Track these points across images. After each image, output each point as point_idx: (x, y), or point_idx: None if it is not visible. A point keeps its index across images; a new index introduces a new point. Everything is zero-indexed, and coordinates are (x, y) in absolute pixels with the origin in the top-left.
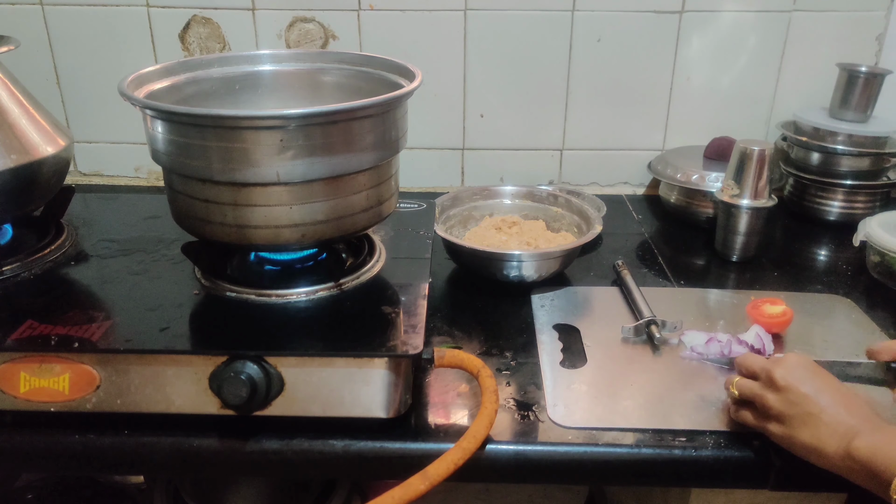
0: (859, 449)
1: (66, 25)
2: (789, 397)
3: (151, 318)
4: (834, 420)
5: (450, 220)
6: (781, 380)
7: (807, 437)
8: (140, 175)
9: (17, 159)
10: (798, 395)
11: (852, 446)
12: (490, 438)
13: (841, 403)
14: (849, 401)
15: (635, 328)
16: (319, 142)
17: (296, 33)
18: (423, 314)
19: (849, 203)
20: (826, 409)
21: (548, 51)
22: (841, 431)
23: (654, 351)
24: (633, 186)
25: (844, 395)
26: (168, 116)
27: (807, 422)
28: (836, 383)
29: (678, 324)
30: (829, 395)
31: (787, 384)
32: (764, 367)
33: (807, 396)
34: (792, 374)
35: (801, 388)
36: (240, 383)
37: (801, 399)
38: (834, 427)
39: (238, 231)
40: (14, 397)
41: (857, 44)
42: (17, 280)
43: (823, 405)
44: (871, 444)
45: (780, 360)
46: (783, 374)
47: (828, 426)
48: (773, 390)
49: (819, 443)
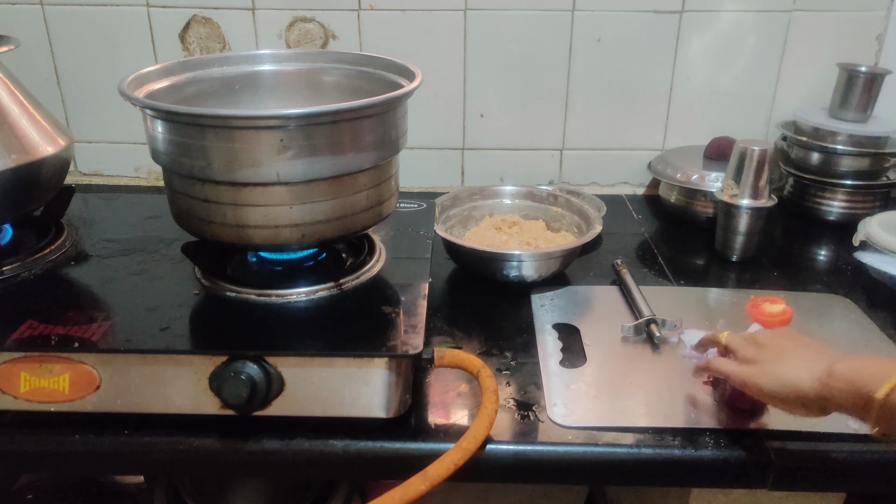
0: (841, 369)
1: (66, 25)
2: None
3: (151, 318)
4: (812, 355)
5: (450, 219)
6: (760, 334)
7: (783, 370)
8: (140, 175)
9: (18, 159)
10: (777, 341)
11: (834, 368)
12: (490, 438)
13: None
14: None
15: (635, 327)
16: (319, 142)
17: (296, 33)
18: (423, 314)
19: (849, 203)
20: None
21: (548, 51)
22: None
23: (653, 350)
24: (633, 186)
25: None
26: (168, 116)
27: (784, 356)
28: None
29: (678, 322)
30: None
31: (766, 333)
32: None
33: (784, 342)
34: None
35: (780, 339)
36: (240, 383)
37: (777, 344)
38: (811, 361)
39: (238, 231)
40: (14, 397)
41: (857, 44)
42: (17, 280)
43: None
44: (853, 365)
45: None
46: (767, 333)
47: (803, 360)
48: (754, 343)
49: (795, 372)
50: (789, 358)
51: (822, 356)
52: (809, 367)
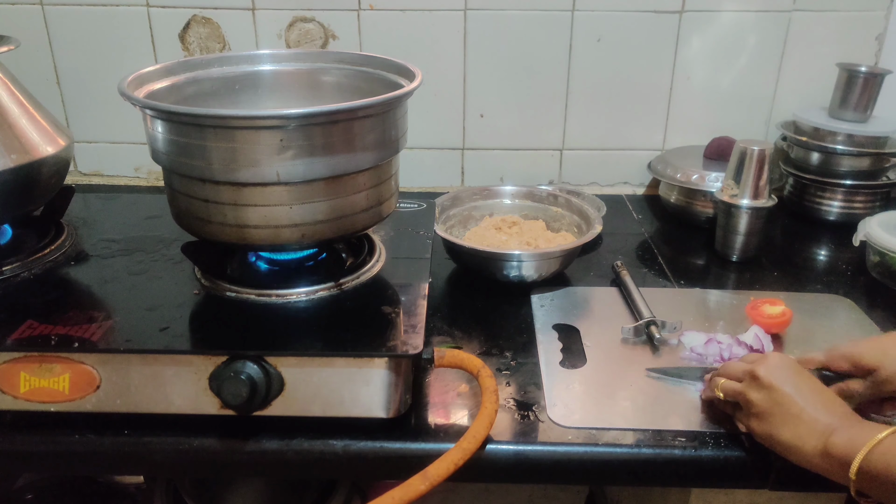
0: (836, 445)
1: (67, 25)
2: (772, 395)
3: (151, 318)
4: (813, 419)
5: (450, 219)
6: (765, 378)
7: (787, 436)
8: (140, 175)
9: (17, 159)
10: (780, 393)
11: (829, 442)
12: (490, 438)
13: (819, 402)
14: (827, 400)
15: (635, 328)
16: (319, 142)
17: (296, 33)
18: (423, 314)
19: (849, 203)
20: (806, 409)
21: (548, 51)
22: (819, 429)
23: (653, 352)
24: (633, 186)
25: (823, 395)
26: (168, 116)
27: (787, 421)
28: (815, 383)
29: (678, 324)
30: (808, 394)
31: (770, 382)
32: (746, 369)
33: (788, 395)
34: (774, 373)
35: (783, 387)
36: (240, 383)
37: (782, 398)
38: (812, 425)
39: (238, 231)
40: (14, 397)
41: (857, 44)
42: (17, 280)
43: (803, 404)
44: (847, 440)
45: (763, 359)
46: (766, 372)
47: (807, 424)
48: (757, 388)
49: (799, 441)
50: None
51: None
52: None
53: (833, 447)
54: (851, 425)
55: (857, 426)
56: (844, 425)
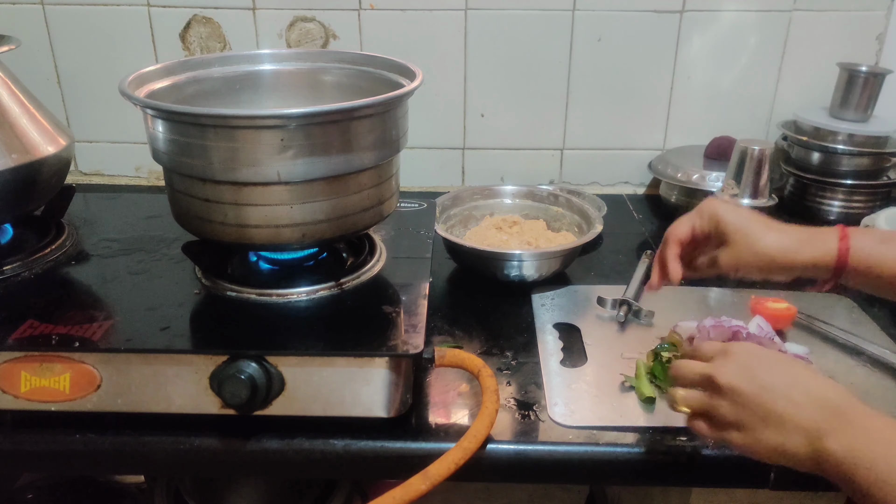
0: (834, 452)
1: (67, 25)
2: (739, 400)
3: (152, 318)
4: (795, 414)
5: (450, 219)
6: (725, 384)
7: (771, 440)
8: (140, 174)
9: (18, 159)
10: (747, 396)
11: (824, 447)
12: (491, 438)
13: (797, 390)
14: (809, 387)
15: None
16: (320, 141)
17: (296, 33)
18: (423, 314)
19: (849, 202)
20: (785, 408)
21: (548, 50)
22: (806, 426)
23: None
24: (634, 186)
25: (801, 383)
26: (169, 116)
27: (767, 422)
28: (785, 368)
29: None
30: (783, 388)
31: (732, 386)
32: (702, 372)
33: (757, 395)
34: (734, 375)
35: (747, 388)
36: (240, 383)
37: (751, 399)
38: (797, 422)
39: (238, 230)
40: (14, 397)
41: (858, 43)
42: (18, 279)
43: (778, 399)
44: (847, 448)
45: (719, 361)
46: (726, 377)
47: (790, 421)
48: (720, 397)
49: (786, 442)
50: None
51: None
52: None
53: (830, 454)
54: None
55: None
56: (837, 424)
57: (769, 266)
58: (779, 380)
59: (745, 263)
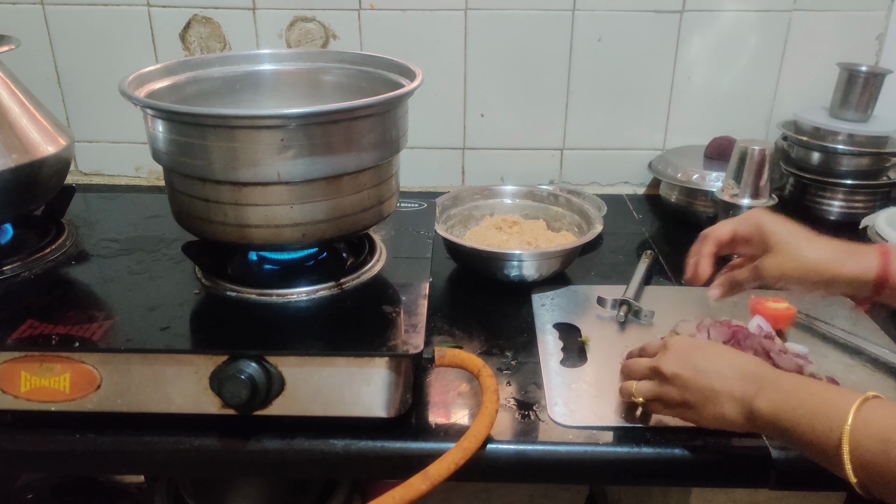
0: (761, 410)
1: (67, 25)
2: (682, 384)
3: (152, 318)
4: (727, 387)
5: (450, 219)
6: (669, 371)
7: (713, 411)
8: (140, 174)
9: (18, 159)
10: (687, 378)
11: (754, 408)
12: (491, 438)
13: (728, 370)
14: (734, 365)
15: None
16: (320, 141)
17: (296, 33)
18: (423, 314)
19: (849, 202)
20: (717, 384)
21: (548, 50)
22: (737, 395)
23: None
24: (634, 186)
25: (729, 361)
26: (169, 116)
27: (707, 401)
28: (718, 352)
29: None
30: (714, 368)
31: (675, 373)
32: (650, 366)
33: (695, 378)
34: (675, 362)
35: (686, 373)
36: (240, 383)
37: (692, 382)
38: (729, 392)
39: (238, 230)
40: (14, 397)
41: (858, 43)
42: (18, 279)
43: (713, 380)
44: (771, 403)
45: (663, 350)
46: (668, 365)
47: (724, 393)
48: (666, 383)
49: (724, 411)
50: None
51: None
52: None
53: (759, 413)
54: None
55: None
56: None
57: (812, 276)
58: (710, 362)
59: (789, 272)
